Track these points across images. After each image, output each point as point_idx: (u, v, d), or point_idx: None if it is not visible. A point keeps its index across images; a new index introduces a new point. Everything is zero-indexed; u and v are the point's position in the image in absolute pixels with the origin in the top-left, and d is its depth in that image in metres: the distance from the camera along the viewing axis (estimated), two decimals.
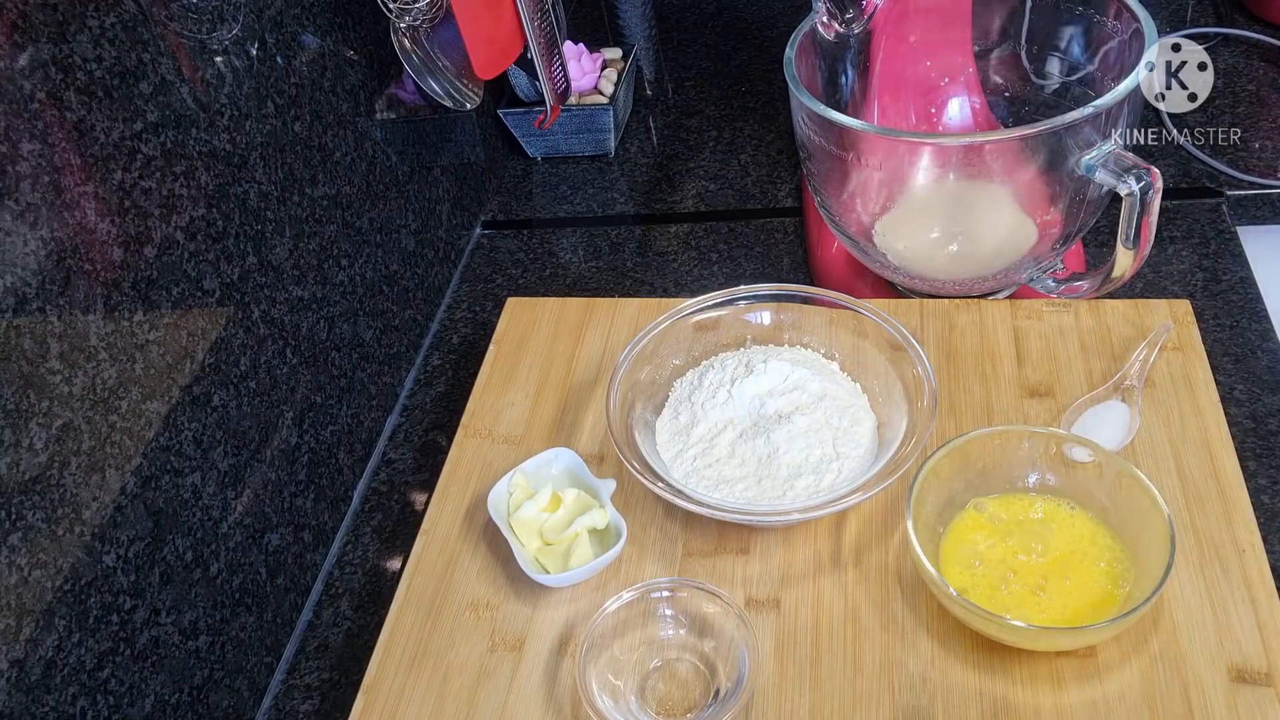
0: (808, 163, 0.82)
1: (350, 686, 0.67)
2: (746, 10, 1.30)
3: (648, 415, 0.74)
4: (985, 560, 0.63)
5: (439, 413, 0.88)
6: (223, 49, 0.66)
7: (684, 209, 1.04)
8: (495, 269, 1.01)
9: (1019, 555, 0.63)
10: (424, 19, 0.78)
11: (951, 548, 0.65)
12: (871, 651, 0.63)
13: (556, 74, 0.90)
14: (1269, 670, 0.59)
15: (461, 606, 0.68)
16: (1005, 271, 0.80)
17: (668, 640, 0.64)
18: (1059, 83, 0.85)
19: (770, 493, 0.68)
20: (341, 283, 0.81)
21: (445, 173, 0.98)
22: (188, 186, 0.63)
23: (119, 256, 0.58)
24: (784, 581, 0.67)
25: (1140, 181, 0.68)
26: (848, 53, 0.85)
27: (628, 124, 1.15)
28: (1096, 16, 0.79)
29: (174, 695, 0.62)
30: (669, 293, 0.94)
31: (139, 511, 0.59)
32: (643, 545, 0.70)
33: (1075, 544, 0.64)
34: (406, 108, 0.91)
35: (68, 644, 0.54)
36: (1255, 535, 0.65)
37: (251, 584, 0.69)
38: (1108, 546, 0.63)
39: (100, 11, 0.56)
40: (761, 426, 0.71)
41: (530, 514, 0.70)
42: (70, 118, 0.54)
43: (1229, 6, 1.13)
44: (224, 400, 0.67)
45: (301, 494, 0.75)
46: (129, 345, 0.58)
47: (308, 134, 0.76)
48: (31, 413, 0.52)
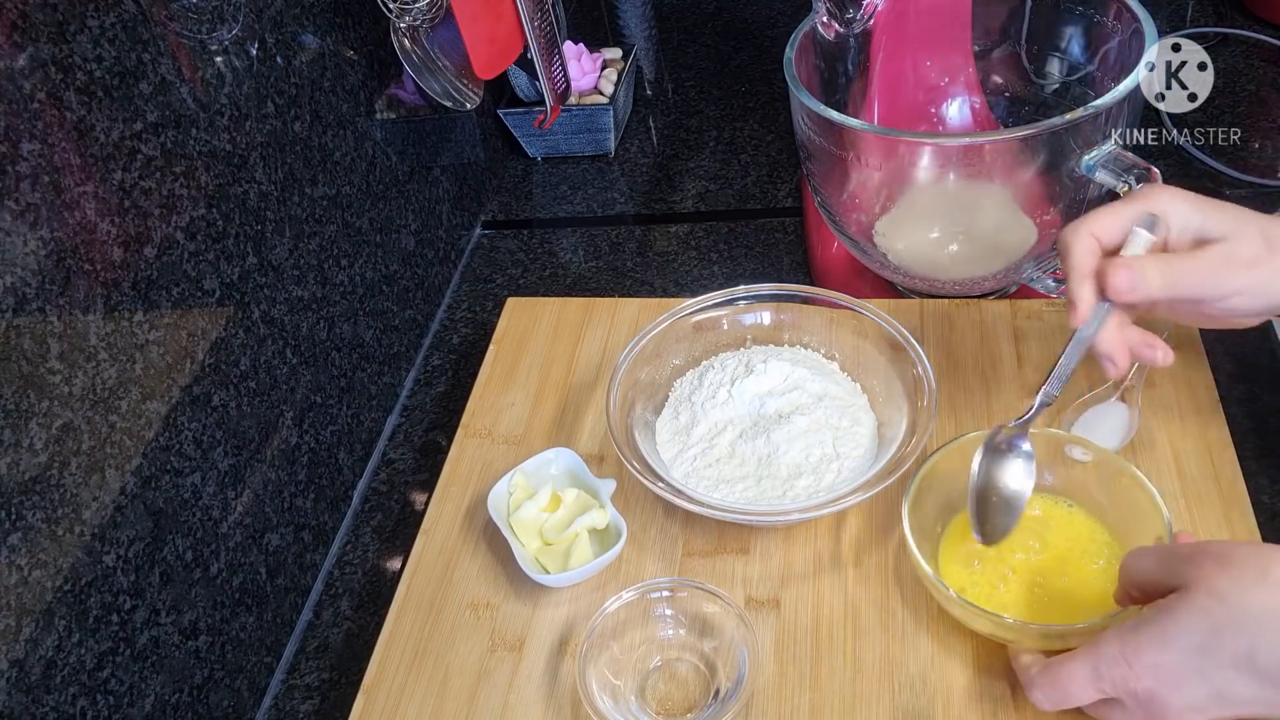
0: (808, 163, 0.82)
1: (350, 686, 0.67)
2: (746, 10, 1.30)
3: (648, 415, 0.74)
4: (983, 559, 0.63)
5: (439, 413, 0.88)
6: (223, 49, 0.66)
7: (684, 209, 1.04)
8: (495, 269, 1.01)
9: (1017, 554, 0.63)
10: (424, 19, 0.78)
11: (950, 547, 0.64)
12: (871, 651, 0.63)
13: (556, 74, 0.90)
14: None
15: (461, 606, 0.68)
16: (1005, 271, 0.80)
17: (668, 640, 0.64)
18: (1059, 83, 0.85)
19: (770, 493, 0.68)
20: (341, 283, 0.81)
21: (445, 173, 0.98)
22: (188, 186, 0.63)
23: (119, 256, 0.58)
24: (784, 581, 0.67)
25: (1140, 181, 0.68)
26: (848, 53, 0.85)
27: (628, 124, 1.15)
28: (1096, 16, 0.79)
29: (174, 695, 0.62)
30: (669, 293, 0.94)
31: (139, 511, 0.59)
32: (643, 545, 0.70)
33: (1073, 542, 0.64)
34: (406, 108, 0.91)
35: (68, 644, 0.54)
36: (1255, 535, 0.65)
37: (251, 584, 0.69)
38: (1105, 544, 0.63)
39: (100, 11, 0.56)
40: (761, 426, 0.71)
41: (530, 514, 0.70)
42: (70, 118, 0.54)
43: (1229, 6, 1.13)
44: (224, 400, 0.67)
45: (301, 494, 0.75)
46: (129, 345, 0.58)
47: (308, 134, 0.76)
48: (31, 413, 0.52)
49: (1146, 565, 0.53)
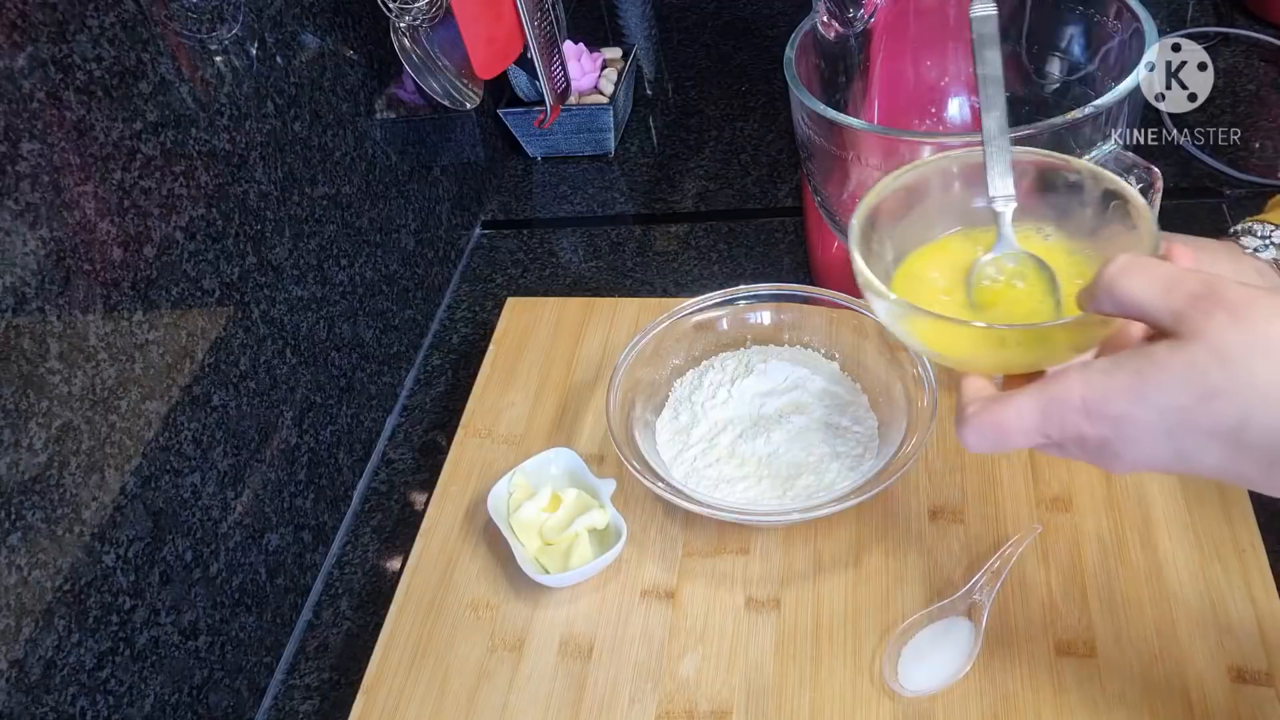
0: (808, 162, 0.82)
1: (350, 686, 0.67)
2: (746, 10, 1.30)
3: (648, 415, 0.74)
4: (941, 280, 0.54)
5: (439, 413, 0.88)
6: (222, 49, 0.66)
7: (684, 209, 1.04)
8: (495, 269, 1.01)
9: (983, 282, 0.53)
10: (424, 18, 0.78)
11: (902, 277, 0.55)
12: (871, 651, 0.63)
13: (556, 74, 0.90)
14: (1269, 670, 0.59)
15: (461, 606, 0.68)
16: None
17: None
18: (1059, 83, 0.85)
19: (770, 493, 0.68)
20: (341, 283, 0.81)
21: (445, 173, 0.98)
22: (187, 186, 0.63)
23: (119, 256, 0.58)
24: (784, 581, 0.67)
25: (1141, 181, 0.68)
26: (848, 53, 0.85)
27: (628, 124, 1.15)
28: (1097, 16, 0.79)
29: (174, 695, 0.62)
30: (669, 293, 0.94)
31: (139, 511, 0.59)
32: (643, 545, 0.70)
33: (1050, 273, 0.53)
34: (406, 108, 0.91)
35: (67, 644, 0.54)
36: (1255, 535, 0.65)
37: (251, 584, 0.69)
38: (1083, 263, 0.53)
39: (100, 11, 0.56)
40: (761, 426, 0.71)
41: (530, 514, 0.70)
42: (70, 117, 0.54)
43: (1229, 6, 1.13)
44: (224, 400, 0.67)
45: (301, 494, 0.75)
46: (129, 345, 0.58)
47: (308, 134, 0.76)
48: (31, 413, 0.52)
49: (1141, 285, 0.43)
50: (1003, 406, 0.46)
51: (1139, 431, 0.43)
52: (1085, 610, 0.63)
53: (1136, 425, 0.42)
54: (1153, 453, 0.43)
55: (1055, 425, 0.44)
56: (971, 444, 0.47)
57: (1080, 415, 0.44)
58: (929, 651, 0.61)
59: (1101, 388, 0.43)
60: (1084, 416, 0.43)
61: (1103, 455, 0.44)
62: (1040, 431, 0.45)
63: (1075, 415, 0.44)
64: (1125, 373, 0.43)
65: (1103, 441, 0.44)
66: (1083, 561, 0.65)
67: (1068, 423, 0.44)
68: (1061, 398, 0.44)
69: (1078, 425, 0.44)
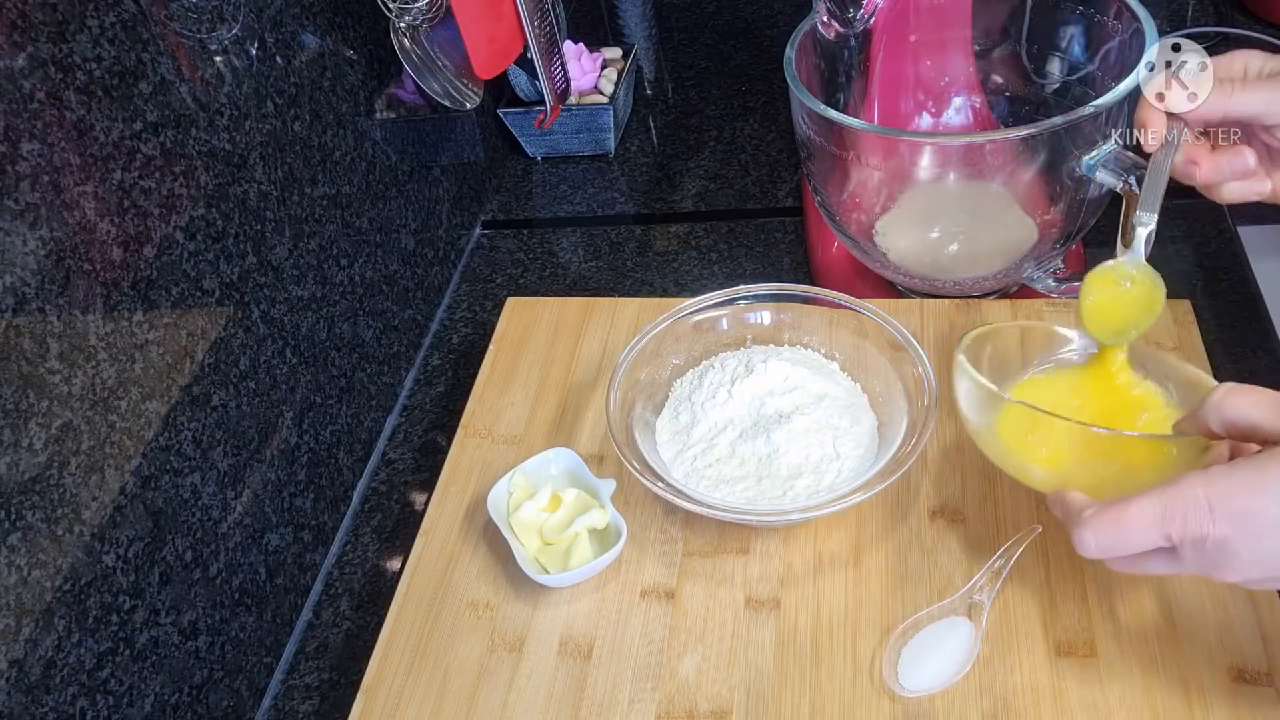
0: (808, 162, 0.82)
1: (350, 686, 0.67)
2: (746, 10, 1.30)
3: (648, 415, 0.74)
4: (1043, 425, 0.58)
5: (439, 413, 0.88)
6: (222, 49, 0.66)
7: (684, 209, 1.04)
8: (495, 269, 1.01)
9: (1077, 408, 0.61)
10: (424, 18, 0.78)
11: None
12: (871, 652, 0.63)
13: (556, 74, 0.90)
14: (1269, 670, 0.59)
15: (461, 606, 0.68)
16: (1005, 271, 0.80)
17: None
18: (1059, 83, 0.85)
19: (770, 493, 0.68)
20: (341, 283, 0.81)
21: (445, 173, 0.98)
22: (187, 186, 0.63)
23: (119, 256, 0.58)
24: (784, 581, 0.67)
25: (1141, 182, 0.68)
26: (848, 53, 0.85)
27: (628, 124, 1.15)
28: (1097, 16, 0.79)
29: (173, 695, 0.62)
30: (669, 293, 0.94)
31: (138, 511, 0.59)
32: (643, 545, 0.70)
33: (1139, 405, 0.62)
34: (406, 108, 0.91)
35: (67, 644, 0.54)
36: None
37: (251, 584, 0.69)
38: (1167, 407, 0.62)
39: (100, 11, 0.56)
40: (761, 426, 0.71)
41: (530, 514, 0.70)
42: (70, 117, 0.54)
43: (1229, 6, 1.13)
44: (224, 400, 0.67)
45: (301, 494, 0.75)
46: (129, 345, 0.58)
47: (307, 134, 0.76)
48: (31, 413, 0.52)
49: (1249, 404, 0.48)
50: (1123, 506, 0.48)
51: (1261, 527, 0.45)
52: (1085, 610, 0.63)
53: (1259, 520, 0.45)
54: (1269, 550, 0.45)
55: (1178, 524, 0.46)
56: (1089, 545, 0.49)
57: (1204, 512, 0.45)
58: (929, 651, 0.61)
59: (1225, 484, 0.45)
60: (1207, 513, 0.45)
61: (1221, 555, 0.46)
62: (1161, 531, 0.47)
63: (1198, 512, 0.45)
64: (1246, 470, 0.45)
65: (1222, 541, 0.45)
66: (1083, 561, 0.65)
67: (1190, 520, 0.46)
68: (1185, 495, 0.46)
69: (1200, 522, 0.46)
